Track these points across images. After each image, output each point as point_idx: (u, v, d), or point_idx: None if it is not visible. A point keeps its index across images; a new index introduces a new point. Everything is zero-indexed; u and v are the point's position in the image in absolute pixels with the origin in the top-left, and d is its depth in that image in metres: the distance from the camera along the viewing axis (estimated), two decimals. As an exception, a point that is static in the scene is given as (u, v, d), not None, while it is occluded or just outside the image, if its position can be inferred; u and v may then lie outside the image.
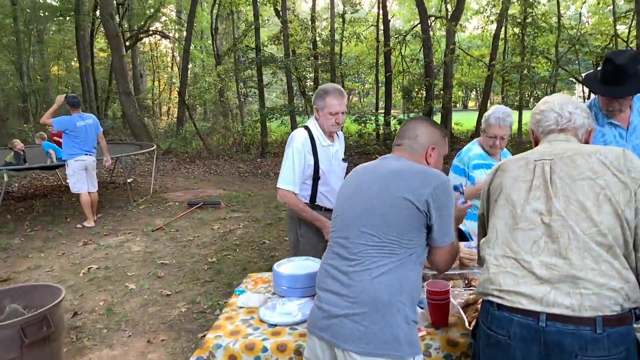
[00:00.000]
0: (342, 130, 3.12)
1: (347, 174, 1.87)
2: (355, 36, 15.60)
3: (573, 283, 1.34)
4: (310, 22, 17.03)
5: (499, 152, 2.95)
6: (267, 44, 15.74)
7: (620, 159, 1.44)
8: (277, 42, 16.26)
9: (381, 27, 16.02)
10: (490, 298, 1.46)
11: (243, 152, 14.28)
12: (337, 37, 16.10)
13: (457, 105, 40.37)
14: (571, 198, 1.41)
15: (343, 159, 2.97)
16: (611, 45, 14.93)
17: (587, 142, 1.67)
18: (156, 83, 29.06)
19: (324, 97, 2.70)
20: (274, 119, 14.10)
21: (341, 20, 17.07)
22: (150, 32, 22.30)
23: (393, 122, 14.74)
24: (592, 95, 2.72)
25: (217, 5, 18.67)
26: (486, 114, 2.89)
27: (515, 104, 13.42)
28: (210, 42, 21.32)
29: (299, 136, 2.75)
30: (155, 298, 4.21)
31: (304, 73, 15.32)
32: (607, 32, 16.82)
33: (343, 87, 18.87)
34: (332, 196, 2.84)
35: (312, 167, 2.73)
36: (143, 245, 5.75)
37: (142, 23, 20.96)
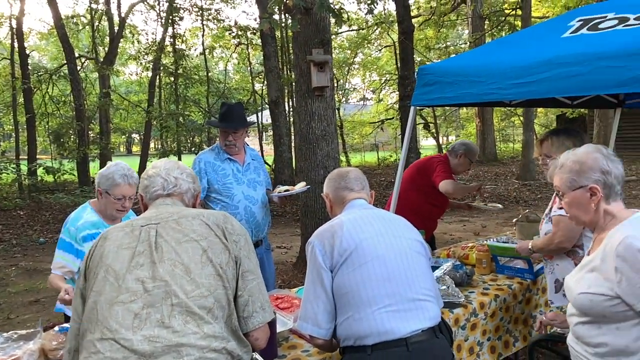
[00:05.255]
0: None
1: None
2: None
3: (177, 352, 1.29)
4: None
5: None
6: None
7: (220, 222, 1.51)
8: None
9: (18, 60, 13.77)
10: None
11: None
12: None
13: (121, 149, 38.98)
14: (176, 261, 1.39)
15: None
16: (251, 99, 17.49)
17: (194, 205, 1.70)
18: None
19: None
20: None
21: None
22: None
23: (40, 170, 12.70)
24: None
25: None
26: (104, 171, 2.32)
27: (174, 149, 13.88)
28: None
29: None
30: None
31: None
32: (247, 88, 19.69)
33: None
34: None
35: None
36: None
37: None
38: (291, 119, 16.06)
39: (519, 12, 13.43)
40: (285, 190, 3.10)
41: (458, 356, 2.35)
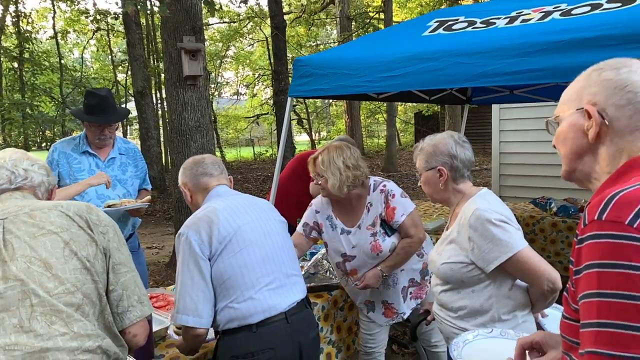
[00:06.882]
0: None
1: None
2: None
3: (43, 358, 1.16)
4: None
5: None
6: None
7: (84, 213, 1.37)
8: None
9: None
10: None
11: None
12: None
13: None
14: (32, 257, 1.23)
15: None
16: (114, 89, 16.14)
17: (49, 200, 1.51)
18: None
19: None
20: None
21: None
22: None
23: None
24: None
25: None
26: None
27: (20, 144, 12.19)
28: None
29: None
30: None
31: None
32: (109, 77, 18.11)
33: None
34: None
35: None
36: None
37: None
38: (160, 111, 15.19)
39: (382, 15, 14.44)
40: (112, 205, 2.51)
41: (338, 337, 2.46)
